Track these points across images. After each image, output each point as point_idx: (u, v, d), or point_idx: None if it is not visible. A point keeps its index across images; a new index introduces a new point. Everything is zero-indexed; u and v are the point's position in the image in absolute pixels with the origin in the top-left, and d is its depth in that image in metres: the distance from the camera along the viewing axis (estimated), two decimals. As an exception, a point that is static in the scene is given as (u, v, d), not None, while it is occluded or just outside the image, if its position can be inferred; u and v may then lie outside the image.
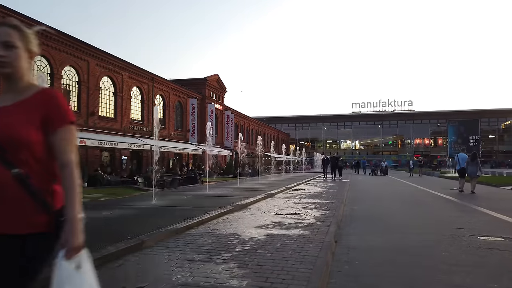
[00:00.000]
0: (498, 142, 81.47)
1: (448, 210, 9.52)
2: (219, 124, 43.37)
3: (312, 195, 12.65)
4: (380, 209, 9.53)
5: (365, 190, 16.22)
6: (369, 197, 13.13)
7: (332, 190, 14.78)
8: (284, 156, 52.99)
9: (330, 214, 7.89)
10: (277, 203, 10.15)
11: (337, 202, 10.21)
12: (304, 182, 20.35)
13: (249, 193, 12.04)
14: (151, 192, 13.02)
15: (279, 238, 5.33)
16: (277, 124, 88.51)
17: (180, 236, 5.44)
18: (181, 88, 34.78)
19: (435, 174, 33.18)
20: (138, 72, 28.11)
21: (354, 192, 15.26)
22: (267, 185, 16.58)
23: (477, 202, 10.97)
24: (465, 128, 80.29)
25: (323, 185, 18.34)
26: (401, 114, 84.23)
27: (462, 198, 12.43)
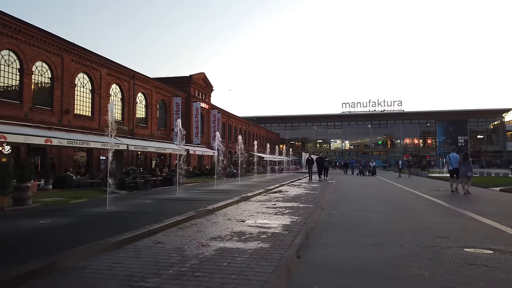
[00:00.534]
0: (486, 142, 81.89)
1: (433, 214, 8.79)
2: (205, 123, 42.39)
3: (290, 198, 11.83)
4: (361, 214, 8.76)
5: (349, 192, 15.47)
6: (352, 200, 12.37)
7: (314, 192, 13.99)
8: (272, 156, 52.39)
9: (302, 221, 7.07)
10: (249, 207, 9.31)
11: (314, 206, 9.41)
12: (288, 183, 19.54)
13: (223, 196, 11.18)
14: (117, 196, 12.12)
15: (230, 255, 4.48)
16: (267, 124, 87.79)
17: (112, 253, 4.54)
18: (164, 86, 33.73)
19: (423, 175, 32.72)
20: (117, 69, 27.02)
21: (337, 194, 14.51)
22: (247, 187, 15.73)
23: (464, 205, 10.28)
24: (454, 128, 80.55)
25: (306, 186, 17.54)
26: (391, 114, 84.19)
27: (449, 200, 11.76)
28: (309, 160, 26.17)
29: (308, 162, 26.08)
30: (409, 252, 5.09)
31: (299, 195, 12.76)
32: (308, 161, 26.27)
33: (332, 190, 15.72)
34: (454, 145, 79.36)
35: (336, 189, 17.02)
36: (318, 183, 20.49)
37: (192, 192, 13.28)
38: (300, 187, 17.08)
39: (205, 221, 7.12)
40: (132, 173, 19.90)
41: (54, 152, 21.15)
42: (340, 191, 15.76)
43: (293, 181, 21.80)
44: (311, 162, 25.56)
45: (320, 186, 17.81)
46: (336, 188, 17.20)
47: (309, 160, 26.00)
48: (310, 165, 25.40)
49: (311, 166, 25.16)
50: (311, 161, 25.74)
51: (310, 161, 25.80)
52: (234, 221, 7.07)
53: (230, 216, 7.80)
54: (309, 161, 26.08)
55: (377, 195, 14.13)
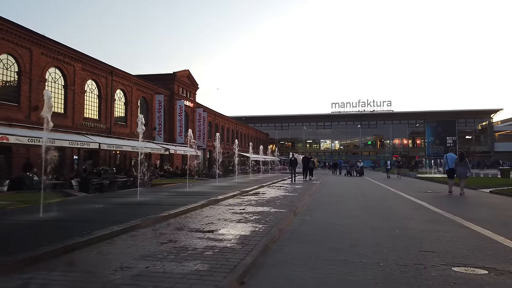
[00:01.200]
0: (474, 143, 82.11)
1: (418, 220, 7.84)
2: (190, 122, 41.13)
3: (264, 201, 10.79)
4: (337, 221, 7.77)
5: (331, 194, 14.50)
6: (332, 203, 11.39)
7: (293, 195, 12.97)
8: (259, 156, 51.35)
9: (266, 230, 6.04)
10: (212, 213, 8.24)
11: (287, 211, 8.39)
12: (269, 184, 18.51)
13: (189, 200, 10.10)
14: (72, 199, 10.96)
15: (151, 283, 3.41)
16: (256, 124, 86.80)
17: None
18: (146, 83, 32.43)
19: (411, 175, 32.02)
20: (93, 64, 25.68)
21: (317, 196, 13.54)
22: (222, 188, 14.65)
23: (452, 209, 9.38)
24: (442, 128, 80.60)
25: (287, 188, 16.53)
26: (380, 114, 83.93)
27: (436, 203, 10.86)
28: (292, 160, 24.29)
29: (291, 162, 24.17)
30: (384, 273, 4.08)
31: (275, 198, 11.72)
32: (291, 161, 24.38)
33: (313, 192, 14.74)
34: (442, 146, 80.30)
35: (318, 190, 16.06)
36: (301, 184, 19.49)
37: (159, 194, 12.15)
38: (281, 188, 16.05)
39: (150, 231, 6.03)
40: (104, 174, 18.68)
41: (22, 152, 19.81)
42: (322, 193, 14.79)
43: (275, 182, 20.79)
44: (294, 163, 23.80)
45: (302, 187, 16.82)
46: (318, 190, 16.24)
47: (292, 160, 24.24)
48: (293, 165, 23.59)
49: (295, 166, 23.53)
50: (294, 161, 24.03)
51: (293, 162, 24.00)
52: (185, 232, 6.00)
53: (184, 224, 6.72)
54: (292, 161, 24.20)
55: (361, 197, 13.19)
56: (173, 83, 37.16)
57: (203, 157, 47.80)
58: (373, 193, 15.24)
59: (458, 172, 13.92)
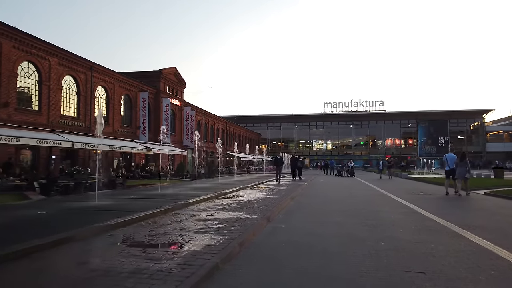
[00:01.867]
0: (466, 143, 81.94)
1: (408, 229, 6.85)
2: (177, 121, 39.94)
3: (239, 205, 9.74)
4: (316, 229, 6.76)
5: (316, 196, 13.50)
6: (315, 207, 10.38)
7: (274, 197, 11.95)
8: (248, 156, 50.29)
9: (223, 244, 5.00)
10: (173, 220, 7.18)
11: (260, 218, 7.36)
12: (253, 185, 17.46)
13: (156, 204, 9.03)
14: (25, 202, 9.81)
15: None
16: (248, 124, 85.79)
17: None
18: (129, 80, 31.18)
19: (403, 176, 31.19)
20: (71, 59, 24.40)
21: (301, 198, 12.53)
22: (199, 190, 13.60)
23: (446, 214, 8.42)
24: (434, 128, 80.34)
25: (270, 189, 15.50)
26: (373, 114, 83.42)
27: (428, 207, 9.91)
28: (277, 159, 22.02)
29: (276, 162, 21.96)
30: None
31: (252, 202, 10.68)
32: (276, 161, 22.12)
33: (297, 194, 13.72)
34: (434, 146, 79.97)
35: (304, 192, 15.05)
36: (287, 185, 18.45)
37: (124, 198, 11.05)
38: (263, 190, 15.02)
39: (77, 247, 4.94)
40: (76, 174, 17.49)
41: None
42: (307, 195, 13.79)
43: (261, 183, 19.74)
44: (279, 162, 21.96)
45: (286, 189, 15.80)
46: (303, 191, 15.23)
47: (278, 159, 22.03)
48: (278, 165, 21.75)
49: (280, 166, 21.91)
50: (279, 160, 22.05)
51: (278, 161, 21.91)
52: (122, 247, 4.92)
53: (129, 236, 5.64)
54: (277, 160, 21.95)
55: (347, 200, 12.20)
56: (159, 80, 35.95)
57: (191, 156, 46.65)
58: (361, 194, 14.27)
59: (458, 172, 13.60)
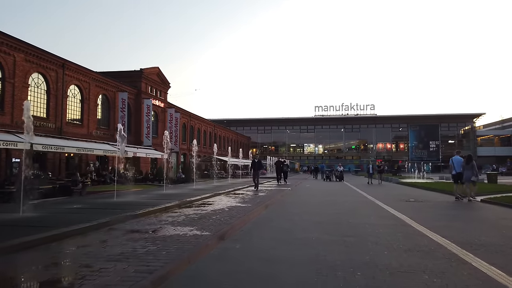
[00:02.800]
0: (457, 147, 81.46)
1: (395, 249, 5.44)
2: (160, 123, 38.30)
3: (197, 217, 8.25)
4: (277, 251, 5.32)
5: (295, 204, 12.06)
6: (289, 217, 8.93)
7: (244, 206, 10.49)
8: (234, 159, 48.76)
9: (131, 281, 3.49)
10: (101, 238, 5.69)
11: (211, 235, 5.89)
12: (228, 191, 15.94)
13: (97, 215, 7.52)
14: None
15: None
16: (238, 127, 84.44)
17: None
18: (106, 79, 29.52)
19: (394, 180, 29.94)
20: (39, 55, 22.74)
21: (276, 207, 11.08)
22: (162, 198, 12.10)
23: (442, 228, 7.04)
24: (425, 132, 79.74)
25: (246, 196, 14.02)
26: (364, 118, 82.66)
27: (420, 217, 8.55)
28: (255, 163, 18.55)
29: (253, 165, 18.62)
30: None
31: (216, 211, 9.19)
32: (253, 164, 18.71)
33: (275, 201, 12.28)
34: (425, 150, 79.35)
35: (283, 199, 13.61)
36: (267, 191, 16.99)
37: (63, 208, 9.53)
38: (238, 197, 13.53)
39: None
40: (35, 179, 15.81)
41: None
42: (285, 203, 12.34)
43: (240, 188, 18.26)
44: (258, 166, 18.66)
45: (264, 195, 14.34)
46: (283, 198, 13.79)
47: (256, 163, 18.53)
48: (255, 169, 18.41)
49: (257, 171, 18.54)
50: (258, 164, 18.63)
51: (256, 164, 18.49)
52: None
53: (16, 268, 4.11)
54: (255, 164, 18.52)
55: (329, 208, 10.76)
56: (140, 80, 34.34)
57: (176, 160, 45.01)
58: (346, 201, 12.87)
59: (465, 176, 12.97)
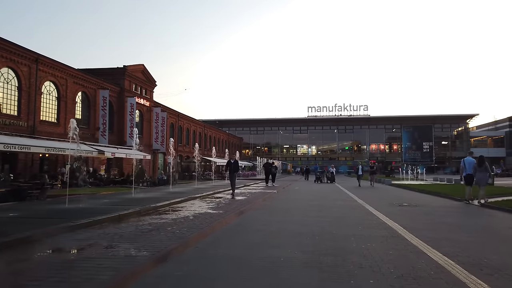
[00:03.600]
0: (451, 149, 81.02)
1: (383, 275, 4.17)
2: (145, 122, 36.83)
3: (150, 227, 6.94)
4: (226, 279, 4.00)
5: (275, 211, 10.75)
6: (261, 228, 7.61)
7: (215, 213, 9.19)
8: (223, 160, 47.37)
9: None
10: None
11: (149, 256, 4.57)
12: (205, 195, 14.59)
13: (31, 226, 6.13)
14: None
15: None
16: (230, 128, 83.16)
17: None
18: (86, 75, 28.03)
19: (386, 182, 28.80)
20: (9, 49, 21.22)
21: (254, 213, 9.80)
22: (126, 203, 10.77)
23: (442, 241, 5.78)
24: (419, 134, 79.17)
25: (223, 200, 12.71)
26: (357, 119, 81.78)
27: (415, 227, 7.33)
28: (231, 163, 15.80)
29: (229, 166, 15.84)
30: None
31: (179, 220, 7.89)
32: (229, 164, 15.92)
33: (254, 207, 11.00)
34: (419, 151, 78.70)
35: (265, 203, 12.33)
36: (251, 194, 15.71)
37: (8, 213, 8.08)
38: (214, 201, 12.23)
39: None
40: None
41: None
42: (265, 208, 11.05)
43: (221, 191, 16.91)
44: (234, 167, 15.80)
45: (244, 199, 13.06)
46: (264, 203, 12.51)
47: (232, 163, 15.80)
48: (231, 171, 15.75)
49: (234, 173, 15.74)
50: (234, 164, 15.83)
51: (232, 165, 15.76)
52: None
53: None
54: (230, 164, 15.77)
55: (313, 215, 9.48)
56: (123, 78, 32.83)
57: (163, 161, 43.54)
58: (334, 206, 11.61)
59: (477, 178, 12.30)
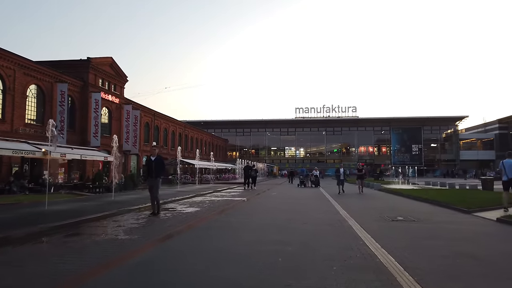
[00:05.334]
0: (440, 151, 79.47)
1: None
2: (114, 121, 33.64)
3: None
4: None
5: (225, 230, 7.93)
6: (179, 267, 4.77)
7: (125, 238, 6.27)
8: (205, 163, 44.47)
9: None
10: None
11: None
12: (134, 208, 11.60)
13: None
14: None
15: None
16: (216, 129, 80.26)
17: None
18: (39, 67, 24.84)
19: (375, 186, 26.21)
20: None
21: (189, 236, 6.97)
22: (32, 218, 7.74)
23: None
24: (408, 136, 77.45)
25: (160, 216, 9.79)
26: (346, 120, 79.62)
27: (423, 271, 4.58)
28: (151, 163, 10.19)
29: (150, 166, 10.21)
30: None
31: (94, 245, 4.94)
32: (148, 164, 10.47)
33: (193, 225, 8.16)
34: (408, 154, 76.85)
35: (215, 218, 9.50)
36: (208, 203, 12.82)
37: None
38: (176, 211, 9.34)
39: None
40: None
41: None
42: (211, 227, 8.21)
43: (180, 199, 13.98)
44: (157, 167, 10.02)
45: (189, 213, 10.17)
46: (216, 217, 9.64)
47: (153, 162, 10.11)
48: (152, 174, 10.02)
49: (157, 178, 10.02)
50: (156, 164, 10.05)
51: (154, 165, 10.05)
52: None
53: None
54: (150, 164, 10.19)
55: (272, 241, 6.66)
56: (87, 71, 29.64)
57: (136, 163, 40.27)
58: (307, 222, 8.84)
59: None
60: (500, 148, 73.66)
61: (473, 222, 9.27)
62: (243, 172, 26.15)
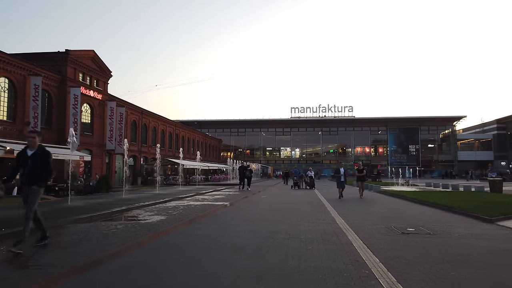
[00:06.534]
0: (437, 152, 78.06)
1: None
2: (96, 118, 31.57)
3: None
4: None
5: (175, 258, 6.06)
6: None
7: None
8: (192, 162, 42.57)
9: None
10: None
11: None
12: (114, 212, 9.78)
13: None
14: None
15: None
16: (210, 129, 78.34)
17: None
18: (9, 58, 22.81)
19: (374, 188, 24.43)
20: None
21: (125, 262, 5.02)
22: None
23: None
24: (405, 136, 75.93)
25: (111, 227, 7.91)
26: (342, 120, 77.90)
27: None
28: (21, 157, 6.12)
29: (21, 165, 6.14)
30: None
31: None
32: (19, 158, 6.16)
33: (145, 241, 6.26)
34: (405, 154, 75.22)
35: (181, 231, 7.60)
36: (181, 209, 10.93)
37: None
38: (135, 220, 7.45)
39: None
40: None
41: None
42: (171, 245, 6.31)
43: (161, 202, 12.08)
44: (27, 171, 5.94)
45: (156, 221, 8.28)
46: (179, 230, 7.75)
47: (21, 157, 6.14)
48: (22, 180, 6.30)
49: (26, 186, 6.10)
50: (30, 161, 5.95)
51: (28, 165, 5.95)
52: None
53: None
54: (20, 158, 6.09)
55: (243, 268, 4.79)
56: (66, 64, 27.60)
57: (122, 163, 38.25)
58: (295, 235, 6.99)
59: None
60: (498, 148, 72.35)
61: (505, 235, 7.43)
62: (239, 173, 25.37)
